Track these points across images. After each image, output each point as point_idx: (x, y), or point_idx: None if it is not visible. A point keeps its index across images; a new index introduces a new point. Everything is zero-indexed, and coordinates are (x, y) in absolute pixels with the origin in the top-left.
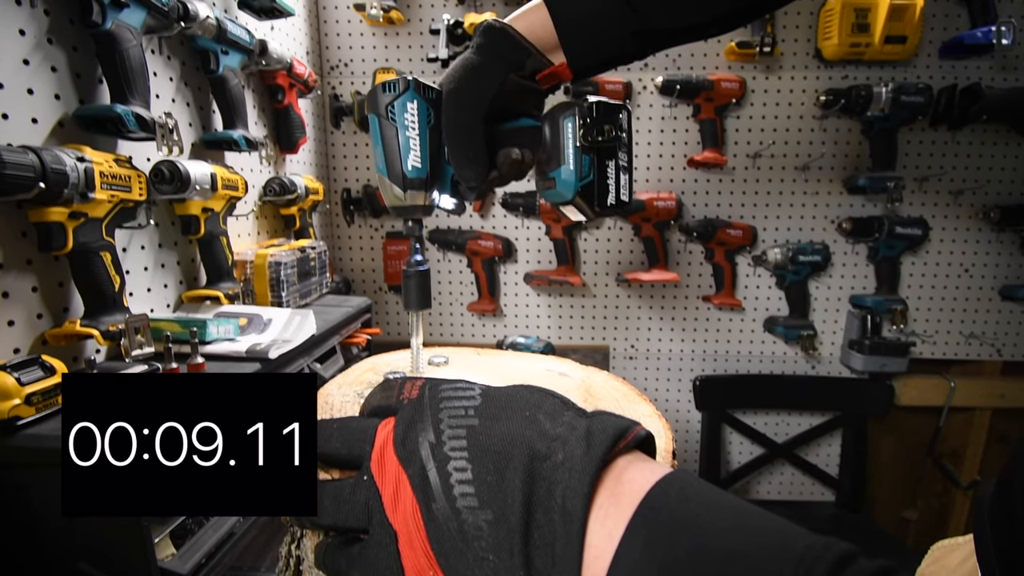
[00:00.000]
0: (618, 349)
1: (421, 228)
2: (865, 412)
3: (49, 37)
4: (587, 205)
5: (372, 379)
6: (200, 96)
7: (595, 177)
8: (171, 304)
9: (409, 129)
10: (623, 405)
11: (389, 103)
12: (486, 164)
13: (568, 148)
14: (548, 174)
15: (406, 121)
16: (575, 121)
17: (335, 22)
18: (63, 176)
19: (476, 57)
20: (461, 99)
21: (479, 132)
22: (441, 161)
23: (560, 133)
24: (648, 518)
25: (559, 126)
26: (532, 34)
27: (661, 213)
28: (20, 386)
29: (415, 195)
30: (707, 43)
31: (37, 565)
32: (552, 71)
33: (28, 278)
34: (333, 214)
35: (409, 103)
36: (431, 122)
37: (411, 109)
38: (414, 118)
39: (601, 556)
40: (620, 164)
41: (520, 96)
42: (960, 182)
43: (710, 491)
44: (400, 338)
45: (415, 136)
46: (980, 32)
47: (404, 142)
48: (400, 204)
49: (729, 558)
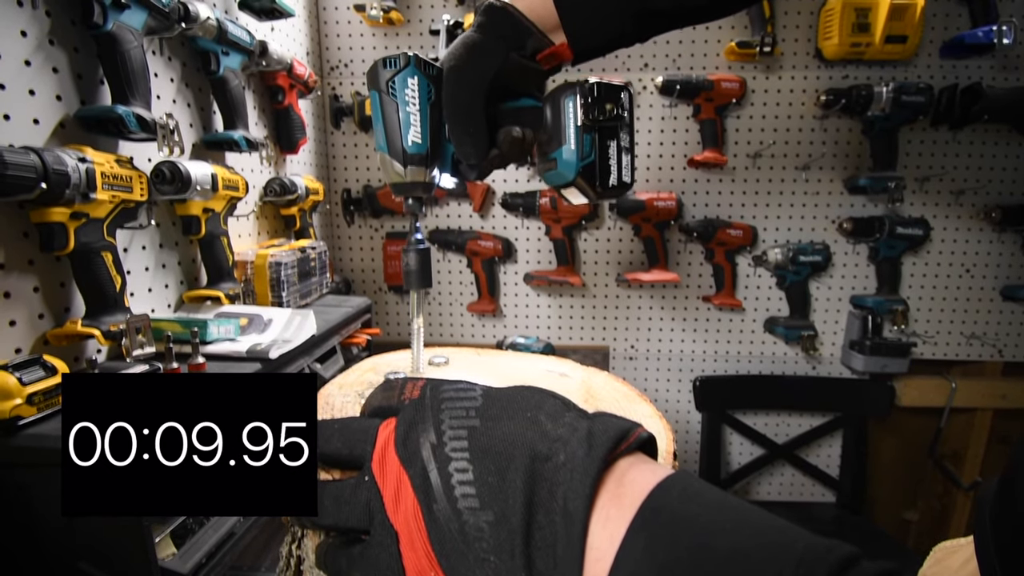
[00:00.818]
0: (618, 349)
1: (421, 206)
2: (866, 413)
3: (51, 38)
4: (588, 186)
5: (373, 379)
6: (201, 97)
7: (596, 157)
8: (172, 304)
9: (409, 105)
10: (623, 406)
11: (390, 79)
12: (486, 142)
13: (569, 128)
14: (549, 155)
15: (406, 97)
16: (576, 100)
17: (335, 23)
18: (65, 177)
19: (477, 35)
20: (462, 76)
21: (480, 110)
22: (442, 139)
23: (561, 113)
24: (649, 519)
25: (560, 106)
26: (533, 13)
27: (661, 213)
28: (21, 386)
29: (416, 171)
30: (707, 43)
31: (37, 565)
32: (553, 51)
33: (30, 278)
34: (333, 214)
35: (410, 79)
36: (432, 99)
37: (411, 85)
38: (414, 94)
39: (602, 558)
40: (622, 145)
41: (521, 76)
42: (961, 182)
43: (712, 492)
44: (400, 338)
45: (415, 112)
46: (981, 32)
47: (404, 118)
48: (400, 181)
49: (730, 558)
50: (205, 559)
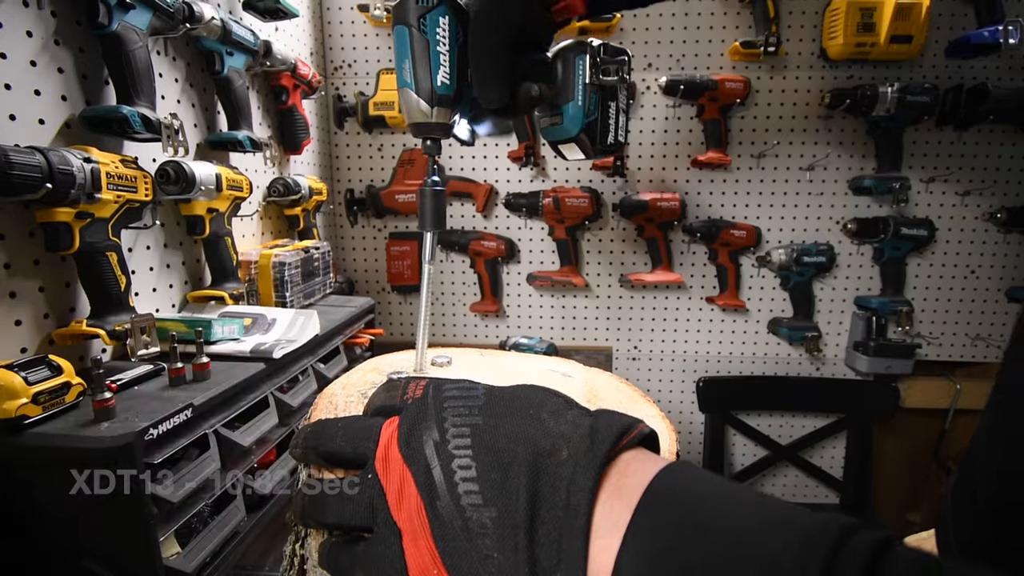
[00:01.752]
0: (621, 350)
1: (439, 148)
2: (870, 414)
3: (56, 39)
4: (589, 141)
5: (376, 379)
6: (205, 97)
7: (599, 116)
8: (176, 304)
9: (440, 44)
10: (627, 406)
11: (421, 15)
12: (509, 88)
13: (579, 85)
14: (558, 108)
15: (438, 36)
16: (586, 59)
17: (339, 23)
18: (70, 177)
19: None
20: (491, 21)
21: (506, 56)
22: (464, 82)
23: (571, 69)
24: (654, 503)
25: (571, 63)
26: None
27: (664, 213)
28: (27, 385)
29: (442, 112)
30: (711, 43)
31: (42, 563)
32: (568, 3)
33: (35, 278)
34: (337, 215)
35: (441, 18)
36: (460, 40)
37: (443, 24)
38: (446, 34)
39: (607, 548)
40: (620, 106)
41: (535, 28)
42: (966, 183)
43: (713, 476)
44: (403, 339)
45: (445, 52)
46: (987, 31)
47: (435, 57)
48: (425, 120)
49: (737, 535)
50: (209, 558)
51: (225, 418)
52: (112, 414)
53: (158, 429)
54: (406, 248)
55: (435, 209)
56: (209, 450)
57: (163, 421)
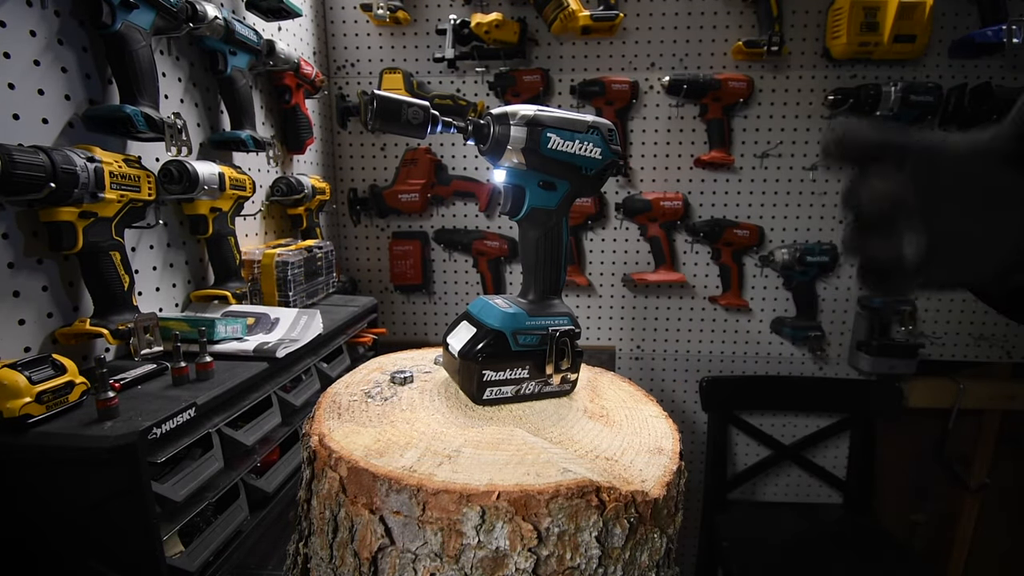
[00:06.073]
0: (624, 349)
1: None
2: (873, 414)
3: (59, 38)
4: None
5: (379, 379)
6: (208, 96)
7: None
8: (179, 303)
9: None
10: (630, 405)
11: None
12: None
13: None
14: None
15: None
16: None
17: (342, 22)
18: (73, 176)
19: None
20: None
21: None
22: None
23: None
24: None
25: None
26: None
27: (667, 213)
28: (31, 384)
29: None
30: (714, 42)
31: (47, 562)
32: None
33: (39, 277)
34: (339, 214)
35: None
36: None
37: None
38: None
39: None
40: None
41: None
42: None
43: None
44: (406, 338)
45: None
46: (991, 31)
47: None
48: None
49: None
50: (213, 557)
51: (228, 417)
52: (115, 413)
53: (161, 428)
54: (409, 247)
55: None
56: (212, 449)
57: (166, 420)
